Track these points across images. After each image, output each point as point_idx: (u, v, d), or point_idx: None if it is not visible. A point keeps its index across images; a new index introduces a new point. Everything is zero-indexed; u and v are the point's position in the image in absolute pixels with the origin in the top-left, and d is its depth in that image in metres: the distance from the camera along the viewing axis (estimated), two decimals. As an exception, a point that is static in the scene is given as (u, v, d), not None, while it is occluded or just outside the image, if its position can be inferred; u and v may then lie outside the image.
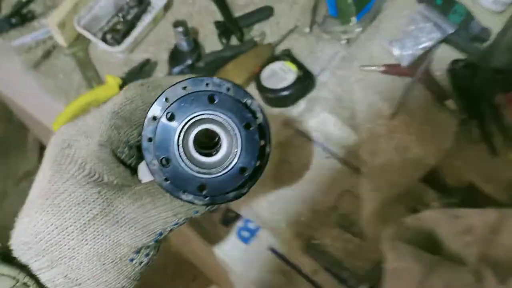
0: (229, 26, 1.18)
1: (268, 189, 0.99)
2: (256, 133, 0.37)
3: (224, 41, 1.16)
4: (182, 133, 0.37)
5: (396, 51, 1.06)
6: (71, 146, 0.39)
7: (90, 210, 0.37)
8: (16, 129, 1.74)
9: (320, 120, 1.02)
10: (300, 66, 1.04)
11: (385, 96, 1.02)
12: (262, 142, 0.38)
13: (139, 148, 0.44)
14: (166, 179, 0.38)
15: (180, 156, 0.37)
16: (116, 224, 0.37)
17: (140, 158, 0.45)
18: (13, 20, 1.25)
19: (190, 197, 0.38)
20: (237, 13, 1.21)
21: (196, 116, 0.37)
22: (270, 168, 1.01)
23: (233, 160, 0.37)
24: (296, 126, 1.03)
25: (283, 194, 0.98)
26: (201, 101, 0.37)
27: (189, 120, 0.37)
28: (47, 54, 1.21)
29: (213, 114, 0.37)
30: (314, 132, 1.02)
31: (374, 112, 0.97)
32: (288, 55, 1.07)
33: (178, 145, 0.37)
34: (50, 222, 0.37)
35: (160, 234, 0.40)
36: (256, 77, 1.07)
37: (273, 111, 1.06)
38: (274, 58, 1.07)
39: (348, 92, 1.02)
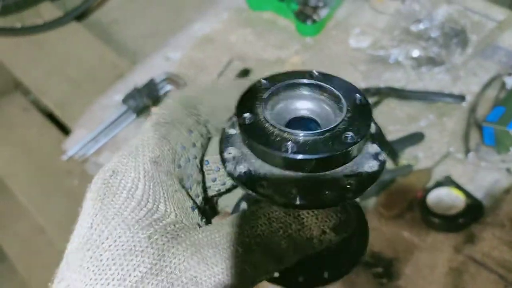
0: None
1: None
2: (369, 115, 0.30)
3: (380, 164, 1.26)
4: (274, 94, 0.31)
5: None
6: (117, 173, 0.31)
7: (138, 266, 0.28)
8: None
9: (493, 247, 1.05)
10: (467, 193, 1.10)
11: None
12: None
13: (201, 167, 0.35)
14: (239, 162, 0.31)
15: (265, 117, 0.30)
16: (171, 286, 0.28)
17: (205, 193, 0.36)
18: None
19: (269, 190, 0.29)
20: (387, 138, 1.31)
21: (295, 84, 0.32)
22: (445, 294, 1.03)
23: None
24: (468, 252, 1.06)
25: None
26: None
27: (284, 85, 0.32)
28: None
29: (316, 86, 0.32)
30: (487, 259, 1.04)
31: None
32: (452, 182, 1.14)
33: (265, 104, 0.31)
34: (91, 285, 0.28)
35: None
36: (420, 202, 1.13)
37: (438, 237, 1.10)
38: (437, 184, 1.14)
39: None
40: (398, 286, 1.05)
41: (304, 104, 0.32)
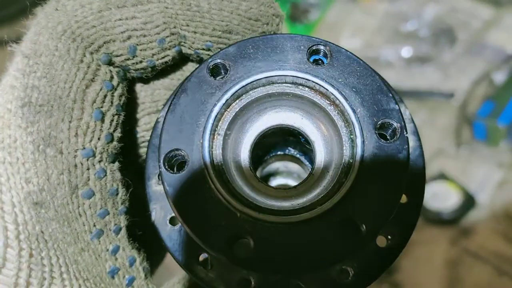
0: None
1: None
2: (402, 149, 0.17)
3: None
4: (229, 114, 0.18)
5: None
6: None
7: None
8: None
9: (487, 239, 1.07)
10: (460, 187, 1.13)
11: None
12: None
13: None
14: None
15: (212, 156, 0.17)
16: None
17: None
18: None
19: (212, 274, 0.19)
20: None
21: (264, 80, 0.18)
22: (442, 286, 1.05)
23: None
24: (464, 245, 1.08)
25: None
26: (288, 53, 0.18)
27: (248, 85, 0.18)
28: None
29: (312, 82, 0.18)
30: (481, 250, 1.07)
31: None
32: (445, 177, 1.16)
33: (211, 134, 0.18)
34: None
35: None
36: (415, 197, 1.16)
37: (433, 230, 1.13)
38: (431, 179, 1.17)
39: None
40: (396, 279, 1.08)
41: (283, 118, 0.19)
